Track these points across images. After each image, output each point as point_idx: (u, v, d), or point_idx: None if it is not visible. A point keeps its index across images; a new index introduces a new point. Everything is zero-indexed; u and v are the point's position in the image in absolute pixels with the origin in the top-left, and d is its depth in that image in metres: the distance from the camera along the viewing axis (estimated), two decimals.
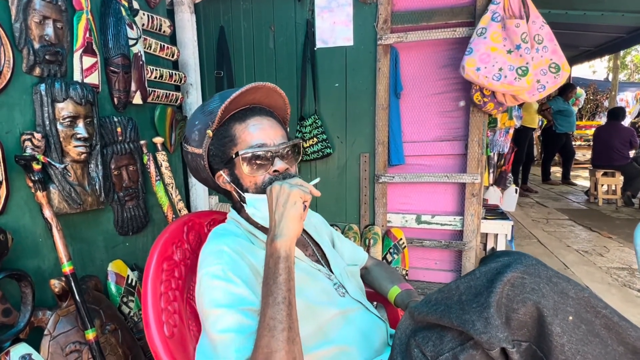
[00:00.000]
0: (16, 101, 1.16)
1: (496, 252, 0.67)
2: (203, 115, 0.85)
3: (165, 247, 0.90)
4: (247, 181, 0.83)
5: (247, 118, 0.84)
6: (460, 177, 1.96)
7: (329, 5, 2.04)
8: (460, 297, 0.62)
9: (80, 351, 1.19)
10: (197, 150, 0.86)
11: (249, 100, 0.85)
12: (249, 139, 0.82)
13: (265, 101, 0.89)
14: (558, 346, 0.54)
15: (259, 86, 0.82)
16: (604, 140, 4.83)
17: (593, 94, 10.09)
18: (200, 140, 0.84)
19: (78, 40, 1.33)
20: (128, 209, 1.57)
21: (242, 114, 0.85)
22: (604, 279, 2.52)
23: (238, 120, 0.84)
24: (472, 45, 1.69)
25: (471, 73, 1.67)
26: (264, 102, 0.89)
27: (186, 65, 2.05)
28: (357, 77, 2.08)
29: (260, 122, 0.84)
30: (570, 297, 0.56)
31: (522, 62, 1.63)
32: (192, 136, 0.86)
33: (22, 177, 1.16)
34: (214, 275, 0.73)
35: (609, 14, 3.90)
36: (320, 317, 0.79)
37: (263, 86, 0.83)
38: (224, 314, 0.68)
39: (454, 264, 2.11)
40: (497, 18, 1.66)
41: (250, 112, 0.85)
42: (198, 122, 0.86)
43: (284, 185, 0.71)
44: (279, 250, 0.67)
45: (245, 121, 0.83)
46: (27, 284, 1.09)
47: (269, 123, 0.85)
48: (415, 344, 0.66)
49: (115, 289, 1.46)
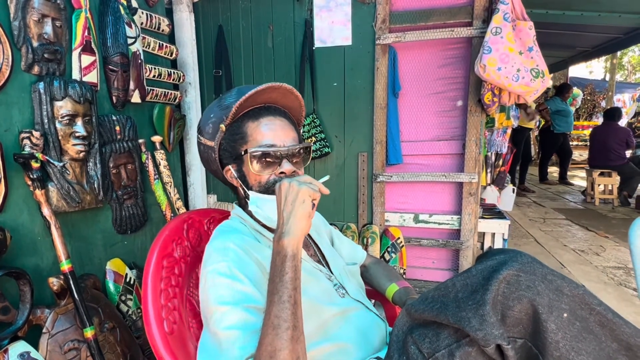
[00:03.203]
0: (15, 99, 1.16)
1: (492, 250, 0.68)
2: (219, 109, 0.86)
3: (165, 244, 0.90)
4: (252, 179, 0.84)
5: (261, 117, 0.84)
6: (458, 177, 1.97)
7: (327, 4, 2.04)
8: (457, 295, 0.63)
9: (78, 349, 1.19)
10: (209, 142, 0.87)
11: (265, 99, 0.86)
12: (259, 138, 0.82)
13: (281, 101, 0.89)
14: (553, 343, 0.55)
15: (275, 86, 0.82)
16: (600, 140, 4.85)
17: (590, 94, 10.12)
18: (214, 133, 0.85)
19: (77, 38, 1.33)
20: (126, 208, 1.57)
21: (257, 112, 0.85)
22: (600, 278, 2.54)
23: (252, 118, 0.84)
24: (489, 44, 1.65)
25: (492, 72, 1.64)
26: (279, 102, 0.89)
27: (185, 64, 2.05)
28: (356, 77, 2.08)
29: (272, 121, 0.84)
30: (565, 294, 0.57)
31: (533, 63, 1.63)
32: (207, 128, 0.87)
33: (20, 175, 1.16)
34: (219, 272, 0.73)
35: (606, 15, 3.91)
36: (322, 315, 0.80)
37: (280, 87, 0.83)
38: (229, 311, 0.68)
39: (452, 262, 2.12)
40: (508, 18, 1.64)
41: (265, 111, 0.85)
42: (213, 115, 0.86)
43: (293, 183, 0.70)
44: (286, 249, 0.67)
45: (258, 119, 0.84)
46: (26, 282, 1.09)
47: (281, 124, 0.85)
48: (412, 341, 0.66)
49: (113, 288, 1.46)
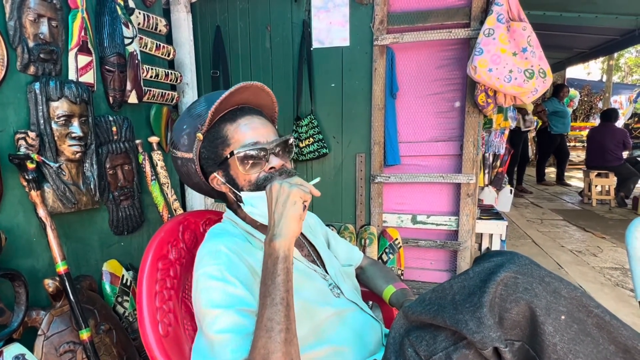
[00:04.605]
0: (10, 100, 1.15)
1: (490, 252, 0.67)
2: (191, 119, 0.85)
3: (160, 246, 0.89)
4: (242, 180, 0.83)
5: (238, 118, 0.84)
6: (456, 178, 1.97)
7: (325, 5, 2.04)
8: (454, 297, 0.62)
9: (74, 351, 1.19)
10: (187, 154, 0.85)
11: (237, 100, 0.85)
12: (242, 138, 0.82)
13: (253, 101, 0.89)
14: (550, 345, 0.54)
15: (247, 86, 0.82)
16: (597, 141, 4.87)
17: (587, 95, 10.16)
18: (190, 144, 0.84)
19: (73, 38, 1.32)
20: (123, 209, 1.56)
21: (232, 114, 0.84)
22: (597, 279, 2.55)
23: (228, 120, 0.83)
24: (481, 45, 1.67)
25: (483, 74, 1.66)
26: (252, 101, 0.89)
27: (182, 65, 2.05)
28: (353, 78, 2.08)
29: (251, 120, 0.84)
30: (563, 296, 0.57)
31: (528, 64, 1.63)
32: (182, 141, 0.85)
33: (16, 176, 1.15)
34: (211, 275, 0.72)
35: (603, 17, 3.93)
36: (316, 317, 0.79)
37: (251, 85, 0.83)
38: (221, 314, 0.68)
39: (449, 263, 2.12)
40: (502, 20, 1.65)
41: (240, 112, 0.85)
42: (186, 126, 0.85)
43: (284, 185, 0.70)
44: (277, 251, 0.67)
45: (236, 121, 0.83)
46: (21, 284, 1.08)
47: (260, 121, 0.85)
48: (409, 344, 0.66)
49: (110, 289, 1.46)
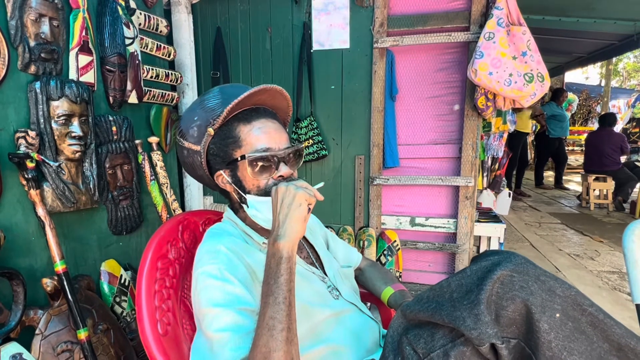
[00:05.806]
0: (11, 99, 1.16)
1: (487, 251, 0.68)
2: (203, 111, 0.82)
3: (160, 245, 0.90)
4: (249, 184, 0.82)
5: (252, 119, 0.81)
6: (454, 180, 1.97)
7: (325, 8, 2.05)
8: (452, 295, 0.63)
9: (71, 351, 1.18)
10: (194, 146, 0.83)
11: (253, 101, 0.83)
12: (254, 142, 0.80)
13: (269, 102, 0.87)
14: (545, 342, 0.55)
15: (266, 88, 0.81)
16: (595, 145, 4.89)
17: (585, 99, 10.20)
18: (200, 136, 0.81)
19: (74, 38, 1.32)
20: (122, 209, 1.57)
21: (247, 114, 0.82)
22: (595, 283, 2.55)
23: (242, 121, 0.81)
24: (481, 49, 1.67)
25: (483, 77, 1.66)
26: (267, 103, 0.87)
27: (182, 66, 2.05)
28: (353, 80, 2.09)
29: (265, 124, 0.82)
30: (558, 295, 0.58)
31: (527, 68, 1.64)
32: (190, 132, 0.83)
33: (15, 174, 1.16)
34: (210, 274, 0.72)
35: (602, 22, 3.96)
36: (314, 318, 0.80)
37: (271, 88, 0.82)
38: (221, 313, 0.68)
39: (448, 266, 2.12)
40: (502, 24, 1.66)
41: (255, 114, 0.83)
42: (197, 117, 0.82)
43: (290, 187, 0.71)
44: (281, 251, 0.67)
45: (250, 122, 0.81)
46: (19, 283, 1.08)
47: (274, 126, 0.83)
48: (407, 342, 0.66)
49: (108, 289, 1.45)
